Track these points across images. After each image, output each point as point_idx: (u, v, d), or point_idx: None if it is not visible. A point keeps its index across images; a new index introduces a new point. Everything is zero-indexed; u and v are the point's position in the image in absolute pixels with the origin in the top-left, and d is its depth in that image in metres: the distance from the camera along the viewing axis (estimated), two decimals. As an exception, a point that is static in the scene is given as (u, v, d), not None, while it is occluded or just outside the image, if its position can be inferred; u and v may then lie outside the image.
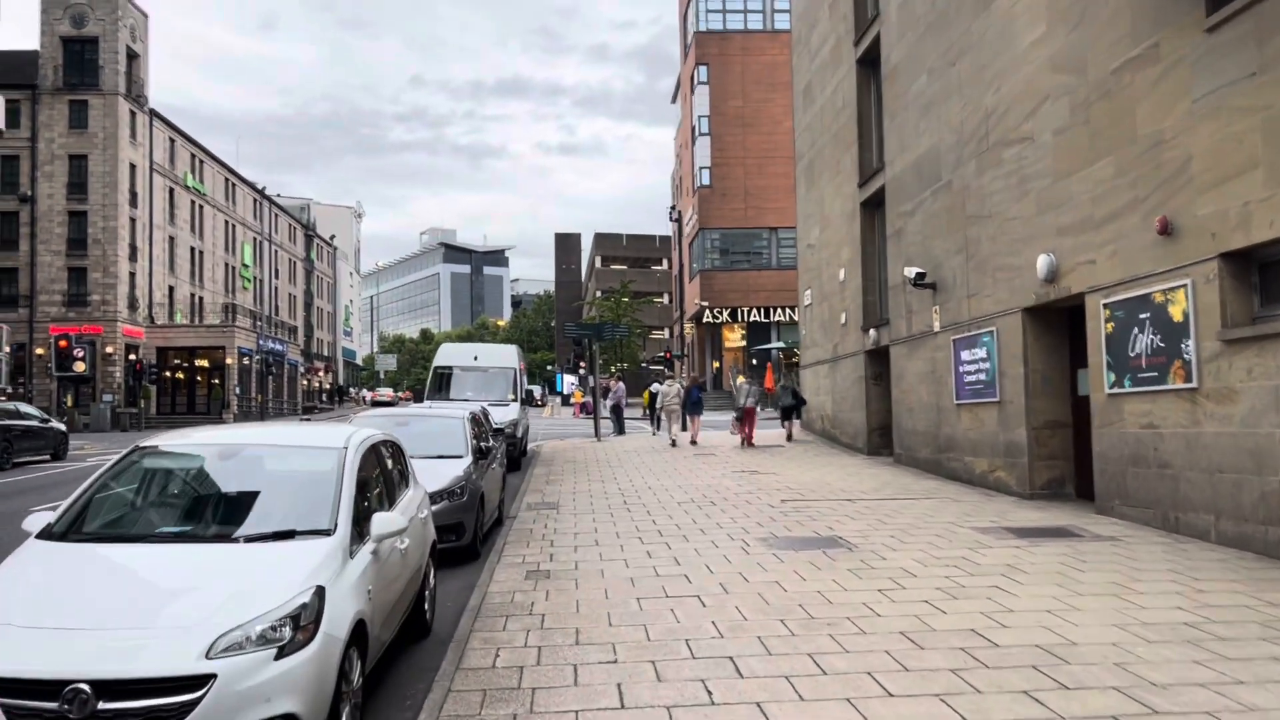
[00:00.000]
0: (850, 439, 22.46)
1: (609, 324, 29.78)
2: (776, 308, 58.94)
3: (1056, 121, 12.60)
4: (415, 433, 11.22)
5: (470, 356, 22.25)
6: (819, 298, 25.17)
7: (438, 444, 10.92)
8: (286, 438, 6.16)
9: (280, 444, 5.91)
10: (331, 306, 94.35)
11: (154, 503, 5.35)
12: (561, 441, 27.54)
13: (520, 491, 15.65)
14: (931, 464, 17.23)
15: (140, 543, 4.94)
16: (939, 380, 16.81)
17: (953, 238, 16.07)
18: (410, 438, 10.95)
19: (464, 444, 10.90)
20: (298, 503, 5.26)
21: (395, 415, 11.83)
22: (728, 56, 60.23)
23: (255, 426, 6.62)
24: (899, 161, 18.73)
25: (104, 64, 48.98)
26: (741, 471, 18.01)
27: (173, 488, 5.51)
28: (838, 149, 23.14)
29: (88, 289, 48.63)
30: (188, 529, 5.08)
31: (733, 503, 13.69)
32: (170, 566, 4.67)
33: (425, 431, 11.24)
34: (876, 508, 12.95)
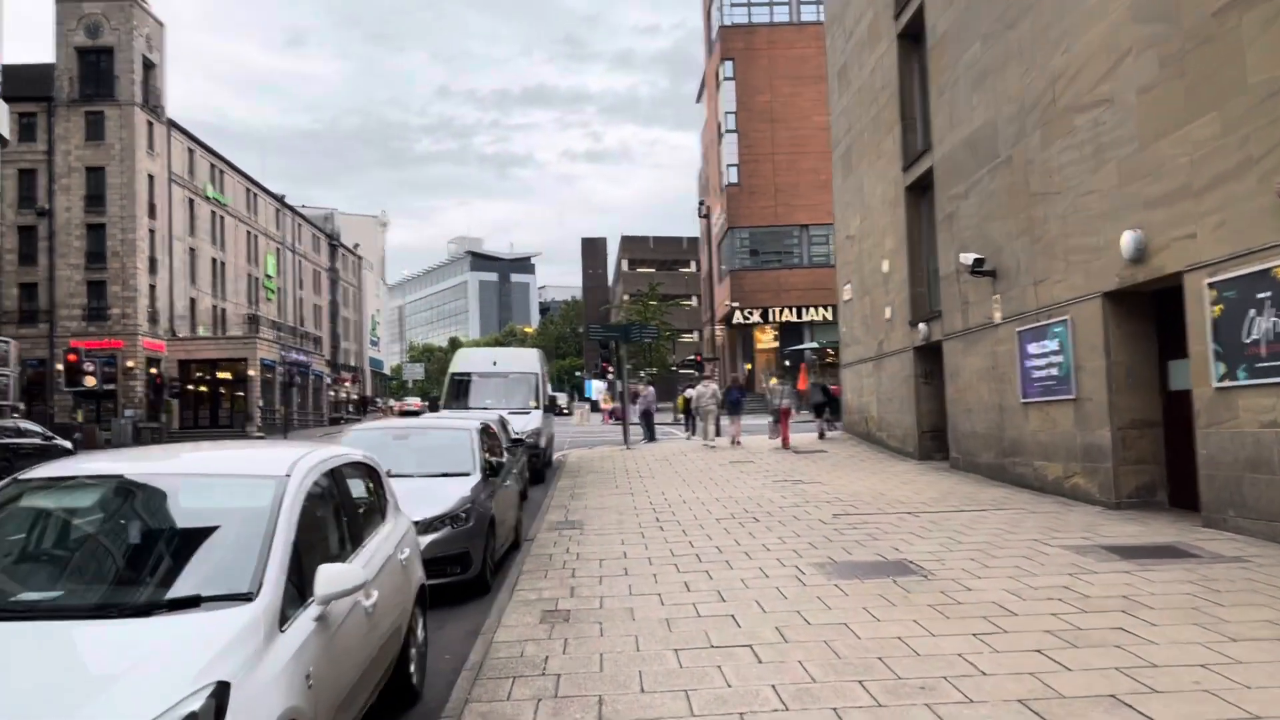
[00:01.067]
0: (899, 443, 20.87)
1: (636, 324, 28.37)
2: (809, 307, 57.30)
3: (1142, 78, 11.02)
4: (416, 448, 9.85)
5: (489, 362, 20.86)
6: (860, 292, 23.60)
7: (442, 460, 9.53)
8: (213, 464, 4.73)
9: (201, 473, 4.48)
10: (357, 316, 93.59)
11: (14, 559, 3.96)
12: (589, 450, 26.13)
13: (542, 508, 14.24)
14: (994, 469, 15.64)
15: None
16: (1001, 377, 15.22)
17: (1015, 219, 14.50)
18: (410, 454, 9.62)
19: (472, 460, 9.49)
20: (211, 556, 3.86)
21: (394, 428, 10.45)
22: (754, 50, 58.72)
23: (180, 450, 5.14)
24: (948, 140, 17.16)
25: (119, 74, 48.23)
26: (784, 480, 16.50)
27: (44, 538, 4.12)
28: (878, 132, 21.58)
29: (107, 302, 47.87)
30: (53, 598, 3.68)
31: (778, 518, 12.20)
32: (12, 657, 3.26)
33: (428, 446, 9.86)
34: (943, 522, 11.40)
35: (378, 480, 5.72)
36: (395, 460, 9.54)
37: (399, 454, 9.65)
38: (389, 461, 9.54)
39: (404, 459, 9.55)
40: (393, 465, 9.43)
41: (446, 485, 8.91)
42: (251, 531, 3.93)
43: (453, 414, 17.40)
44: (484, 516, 8.79)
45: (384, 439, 9.98)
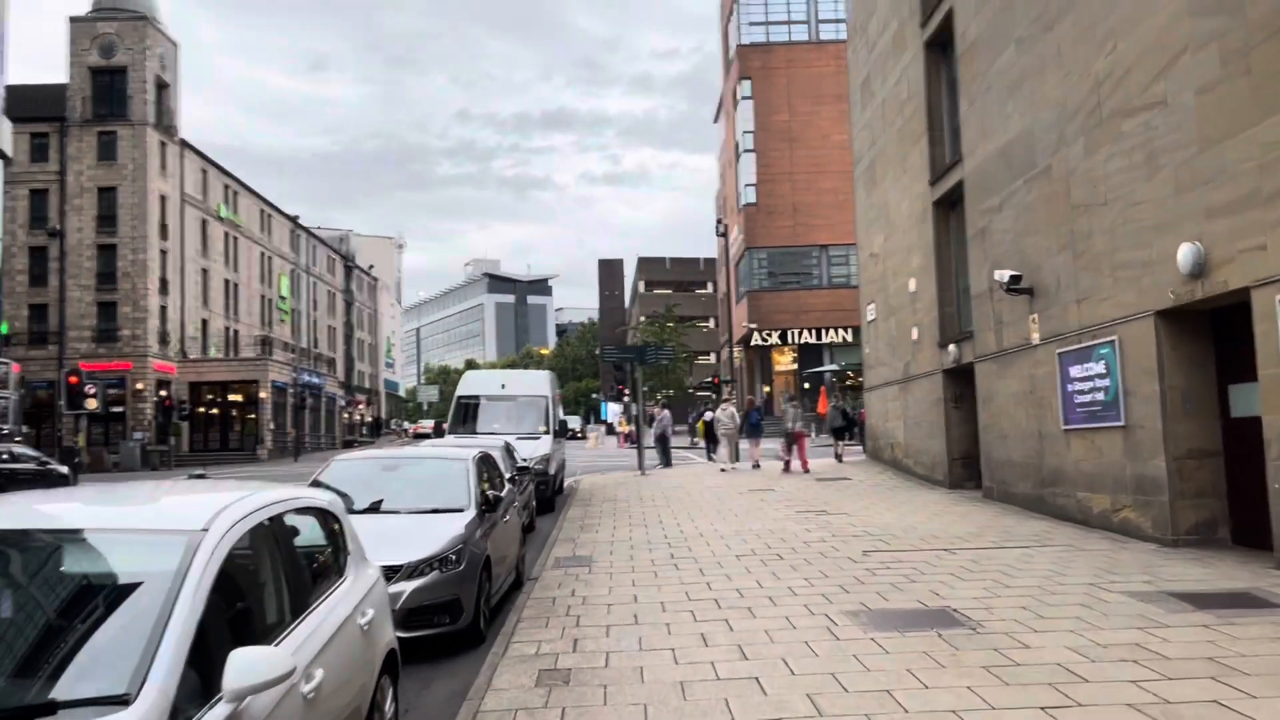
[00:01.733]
0: (927, 470, 19.85)
1: (651, 345, 27.50)
2: (829, 328, 56.34)
3: (1202, 77, 10.11)
4: (405, 480, 8.98)
5: (497, 385, 19.97)
6: (885, 312, 22.65)
7: (433, 494, 8.64)
8: (115, 515, 3.83)
9: (93, 528, 3.58)
10: (372, 338, 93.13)
11: None
12: (602, 476, 25.21)
13: (549, 540, 13.32)
14: (1032, 500, 14.63)
15: None
16: (1040, 402, 14.24)
17: (1055, 233, 13.56)
18: (398, 487, 8.75)
19: (467, 493, 8.59)
20: (83, 643, 2.97)
21: (382, 458, 9.57)
22: (771, 70, 58.08)
23: (91, 494, 4.18)
24: (980, 151, 16.27)
25: (133, 94, 47.96)
26: (807, 511, 15.52)
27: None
28: (903, 145, 20.70)
29: (117, 324, 47.40)
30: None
31: (803, 555, 11.24)
32: None
33: (418, 478, 8.98)
34: (984, 561, 10.42)
35: (335, 528, 4.82)
36: (382, 494, 8.70)
37: (386, 487, 8.79)
38: (374, 496, 8.71)
39: (392, 493, 8.69)
40: (379, 500, 8.60)
41: (437, 523, 8.01)
42: (143, 607, 3.05)
43: (455, 440, 16.55)
44: (478, 558, 7.89)
45: (370, 470, 9.12)
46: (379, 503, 8.54)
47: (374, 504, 8.51)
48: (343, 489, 8.75)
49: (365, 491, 8.71)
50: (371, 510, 8.38)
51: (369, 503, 8.51)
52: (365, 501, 8.53)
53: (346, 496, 8.61)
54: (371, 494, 8.68)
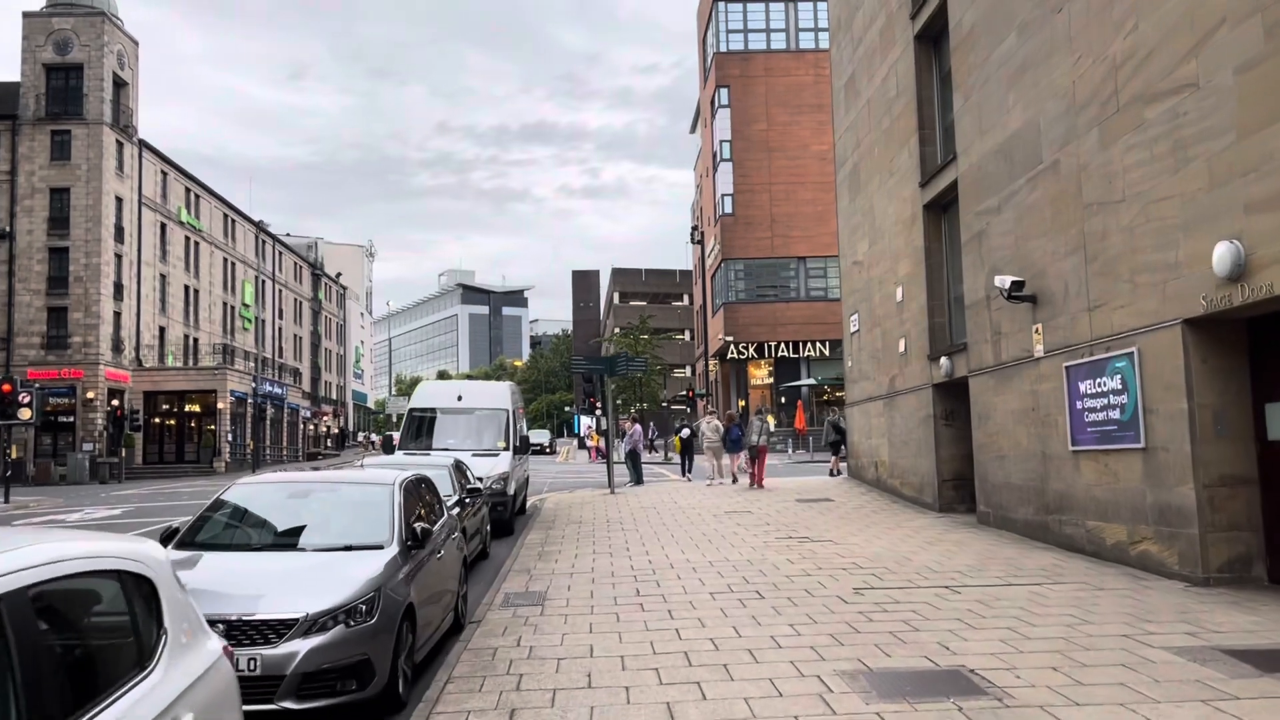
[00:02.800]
0: (914, 491, 18.58)
1: (622, 355, 26.10)
2: (806, 342, 55.22)
3: (1242, 53, 8.91)
4: (316, 509, 7.54)
5: (453, 397, 18.46)
6: (869, 323, 21.41)
7: (348, 527, 7.20)
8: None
9: None
10: (341, 348, 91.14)
11: None
12: (569, 494, 23.79)
13: (501, 573, 11.90)
14: (1034, 528, 13.36)
15: None
16: (1044, 420, 12.99)
17: (1062, 235, 12.34)
18: (307, 518, 7.30)
19: (389, 526, 7.16)
20: None
21: (293, 481, 8.09)
22: (750, 78, 57.07)
23: None
24: (976, 148, 15.07)
25: (88, 92, 46.08)
26: (788, 538, 14.19)
27: None
28: (890, 146, 19.50)
29: (68, 330, 45.39)
30: None
31: (787, 592, 9.89)
32: None
33: (331, 507, 7.53)
34: (993, 602, 9.11)
35: (146, 599, 3.41)
36: (285, 527, 7.27)
37: (293, 517, 7.35)
38: (275, 529, 7.28)
39: (297, 525, 7.25)
40: (281, 534, 7.18)
41: (348, 563, 6.59)
42: None
43: (398, 458, 15.11)
44: (397, 606, 6.47)
45: (275, 497, 7.64)
46: (280, 537, 7.12)
47: (273, 540, 7.09)
48: (238, 521, 7.32)
49: (265, 523, 7.29)
50: (270, 547, 6.95)
51: (268, 538, 7.09)
52: (263, 536, 7.12)
53: (240, 529, 7.19)
54: (272, 527, 7.26)
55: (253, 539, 7.04)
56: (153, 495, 30.56)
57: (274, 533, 7.17)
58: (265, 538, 7.09)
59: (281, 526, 7.23)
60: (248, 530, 7.21)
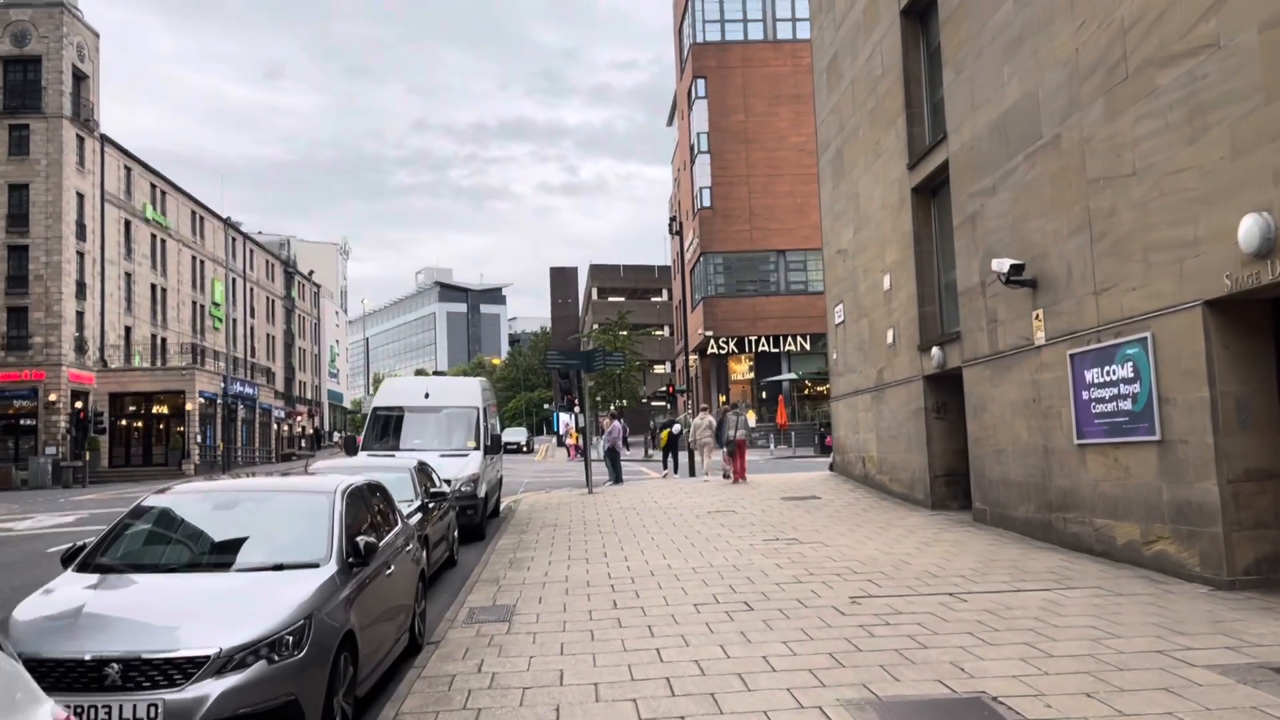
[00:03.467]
0: (904, 488, 17.81)
1: (599, 350, 25.21)
2: (787, 336, 54.47)
3: (1265, 9, 8.14)
4: (244, 522, 6.62)
5: (420, 394, 17.47)
6: (854, 313, 20.62)
7: (279, 543, 6.29)
8: None
9: None
10: (316, 348, 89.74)
11: None
12: (546, 494, 22.89)
13: (468, 583, 11.01)
14: (1035, 527, 12.60)
15: None
16: (1046, 412, 12.21)
17: (1065, 213, 11.56)
18: (233, 533, 6.40)
19: (327, 541, 6.25)
20: None
21: (219, 491, 7.14)
22: (727, 69, 56.21)
23: None
24: (969, 126, 14.28)
25: (47, 85, 44.68)
26: (776, 539, 13.37)
27: None
28: (876, 128, 18.71)
29: (29, 331, 44.00)
30: None
31: (778, 603, 9.05)
32: None
33: (262, 519, 6.60)
34: (1004, 612, 8.30)
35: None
36: (208, 543, 6.35)
37: (217, 532, 6.43)
38: (196, 546, 6.36)
39: (222, 541, 6.33)
40: (202, 552, 6.27)
41: (275, 586, 5.68)
42: None
43: (358, 460, 14.17)
44: (332, 635, 5.57)
45: (197, 509, 6.68)
46: (199, 556, 6.20)
47: (190, 559, 6.17)
48: (153, 537, 6.41)
49: (183, 540, 6.37)
50: (186, 568, 6.02)
51: (184, 557, 6.17)
52: (179, 555, 6.21)
53: (154, 547, 6.28)
54: (191, 543, 6.34)
55: (166, 558, 6.12)
56: (113, 500, 29.40)
57: (192, 550, 6.25)
58: (181, 556, 6.17)
59: (202, 543, 6.31)
60: (162, 548, 6.29)
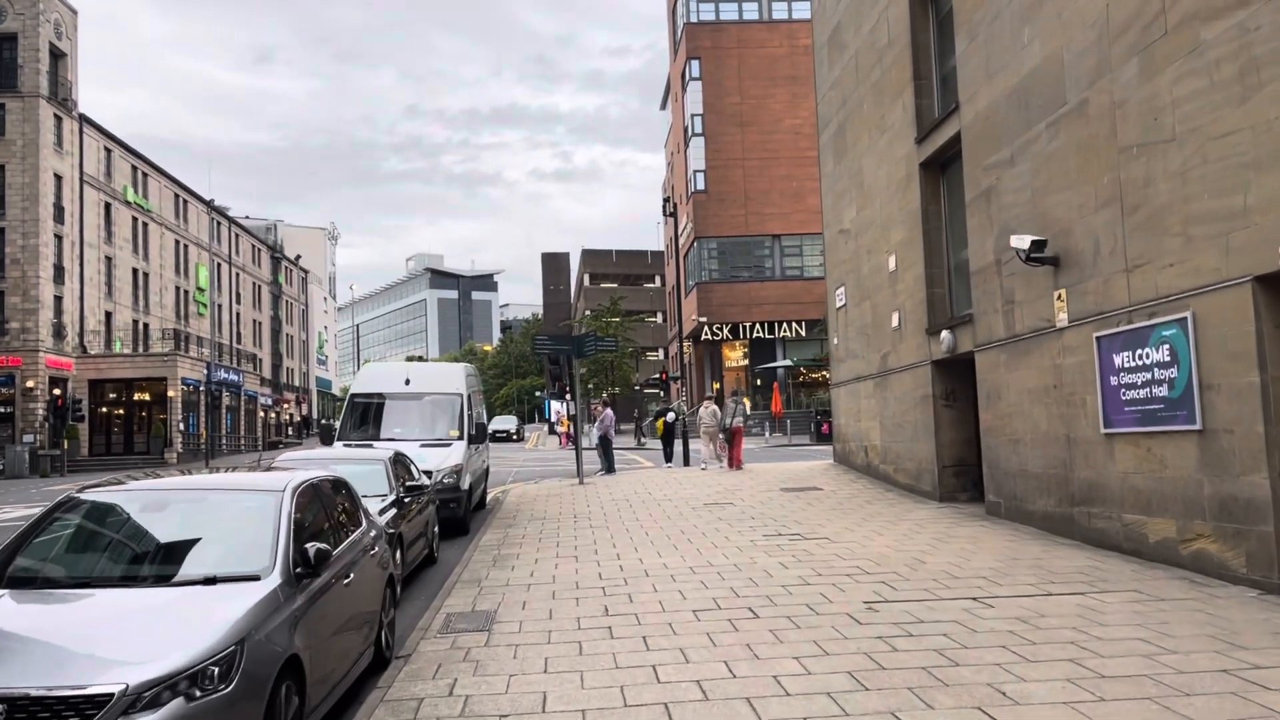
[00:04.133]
0: (910, 479, 16.99)
1: (591, 335, 24.27)
2: (782, 322, 53.69)
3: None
4: (175, 528, 5.72)
5: (400, 380, 16.54)
6: (857, 296, 19.76)
7: (213, 552, 5.39)
8: None
9: None
10: (304, 334, 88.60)
11: None
12: (535, 485, 22.02)
13: (447, 584, 10.14)
14: (1056, 521, 11.78)
15: None
16: (1068, 399, 11.38)
17: (1093, 185, 10.71)
18: (161, 538, 5.52)
19: (269, 549, 5.37)
20: None
21: (147, 490, 6.19)
22: (722, 50, 55.23)
23: None
24: (984, 94, 13.40)
25: (23, 63, 43.44)
26: (778, 534, 12.53)
27: None
28: (881, 101, 17.81)
29: (5, 315, 42.80)
30: None
31: (785, 609, 8.22)
32: None
33: (197, 523, 5.71)
34: (1038, 621, 7.48)
35: None
36: (132, 551, 5.47)
37: (144, 538, 5.53)
38: (115, 555, 5.47)
39: (148, 549, 5.45)
40: (122, 563, 5.38)
41: (204, 605, 4.80)
42: None
43: (332, 452, 13.27)
44: (271, 662, 4.70)
45: (123, 510, 5.75)
46: (119, 567, 5.31)
47: (108, 571, 5.27)
48: (67, 543, 5.52)
49: (102, 547, 5.49)
50: (101, 582, 5.12)
51: (100, 569, 5.27)
52: (95, 566, 5.30)
53: (67, 556, 5.39)
54: (111, 552, 5.45)
55: (78, 570, 5.22)
56: (89, 490, 28.45)
57: (110, 560, 5.35)
58: (96, 568, 5.26)
59: (121, 552, 5.42)
60: (76, 557, 5.39)
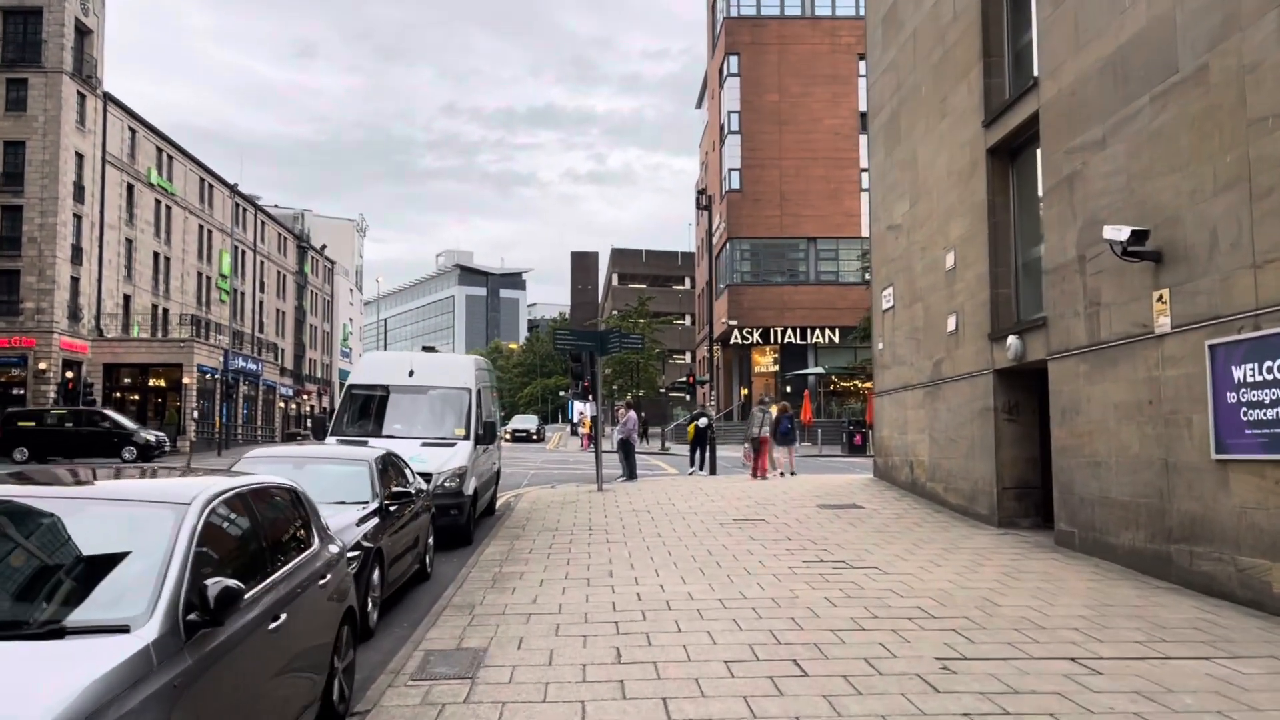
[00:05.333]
0: (963, 500, 15.33)
1: (614, 331, 22.78)
2: (815, 328, 51.94)
3: None
4: (24, 551, 4.21)
5: (403, 371, 14.99)
6: (907, 298, 18.12)
7: (71, 590, 3.90)
8: None
9: None
10: (328, 326, 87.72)
11: None
12: (550, 490, 20.52)
13: (434, 609, 8.65)
14: (1146, 559, 10.13)
15: None
16: (1169, 417, 9.73)
17: (1210, 165, 9.07)
18: (14, 567, 4.01)
19: (151, 588, 3.84)
20: None
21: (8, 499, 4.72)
22: (762, 45, 53.60)
23: None
24: (1070, 68, 11.76)
25: (48, 38, 42.52)
26: (820, 562, 10.94)
27: None
28: (943, 83, 16.19)
29: (20, 295, 41.93)
30: None
31: (838, 662, 6.66)
32: None
33: (60, 544, 4.21)
34: (1166, 698, 5.89)
35: None
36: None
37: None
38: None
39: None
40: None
41: (37, 673, 3.30)
42: None
43: (319, 449, 11.82)
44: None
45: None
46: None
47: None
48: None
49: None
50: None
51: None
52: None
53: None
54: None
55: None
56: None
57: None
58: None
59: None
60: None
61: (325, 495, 8.72)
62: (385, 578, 8.53)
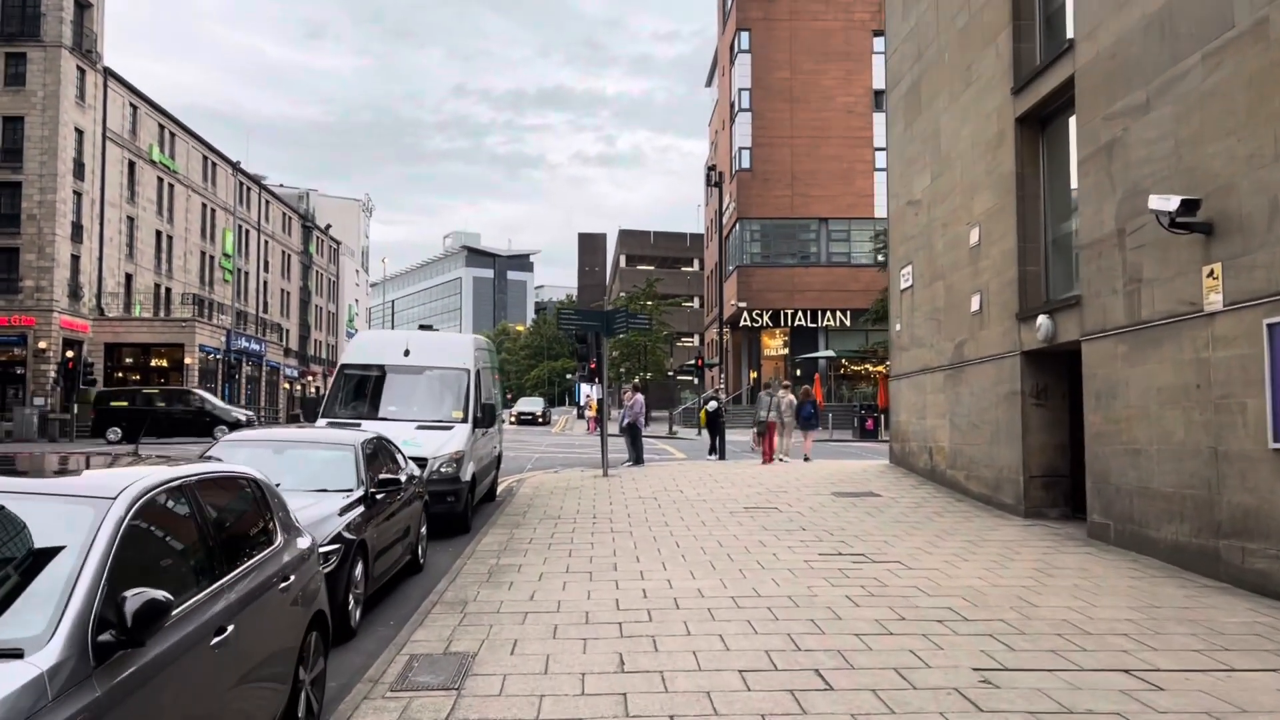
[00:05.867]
0: (987, 488, 14.62)
1: (620, 310, 22.05)
2: (826, 311, 51.14)
3: None
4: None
5: (398, 350, 14.25)
6: (926, 276, 17.36)
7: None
8: None
9: None
10: (334, 306, 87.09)
11: None
12: (554, 475, 19.87)
13: (423, 606, 7.98)
14: (1192, 555, 9.41)
15: None
16: (1219, 402, 9.00)
17: (1269, 127, 8.31)
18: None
19: (53, 604, 3.15)
20: None
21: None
22: (773, 21, 52.57)
23: None
24: (1111, 26, 10.97)
25: (46, 11, 41.76)
26: (836, 555, 10.26)
27: None
28: (968, 49, 15.38)
29: (19, 273, 41.32)
30: None
31: (864, 673, 5.99)
32: None
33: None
34: (1237, 718, 5.17)
35: None
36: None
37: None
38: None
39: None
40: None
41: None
42: None
43: (246, 437, 11.16)
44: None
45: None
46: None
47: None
48: None
49: None
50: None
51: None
52: None
53: None
54: None
55: None
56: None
57: None
58: None
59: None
60: None
61: (306, 482, 8.10)
62: (370, 572, 7.87)
